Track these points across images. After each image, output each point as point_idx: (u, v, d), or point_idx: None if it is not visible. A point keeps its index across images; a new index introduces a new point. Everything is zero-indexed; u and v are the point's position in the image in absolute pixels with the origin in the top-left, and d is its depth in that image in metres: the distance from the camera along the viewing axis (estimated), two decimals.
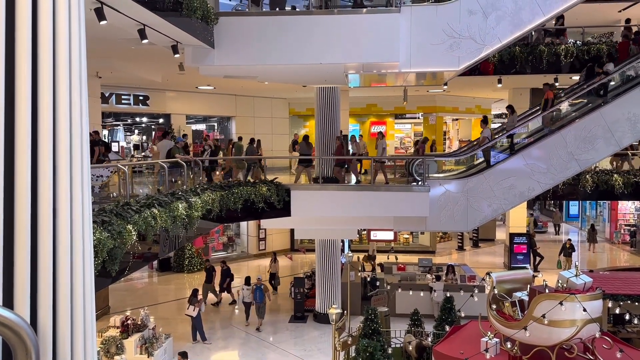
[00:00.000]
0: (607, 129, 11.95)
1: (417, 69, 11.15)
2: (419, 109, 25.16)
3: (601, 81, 12.93)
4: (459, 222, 12.74)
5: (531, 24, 10.72)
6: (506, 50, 14.28)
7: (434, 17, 10.75)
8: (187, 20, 9.09)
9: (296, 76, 13.96)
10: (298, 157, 14.72)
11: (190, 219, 9.06)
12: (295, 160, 15.24)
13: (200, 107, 21.45)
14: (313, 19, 10.99)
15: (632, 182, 13.53)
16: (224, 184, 11.76)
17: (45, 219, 2.83)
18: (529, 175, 12.29)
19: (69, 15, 3.04)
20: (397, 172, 16.08)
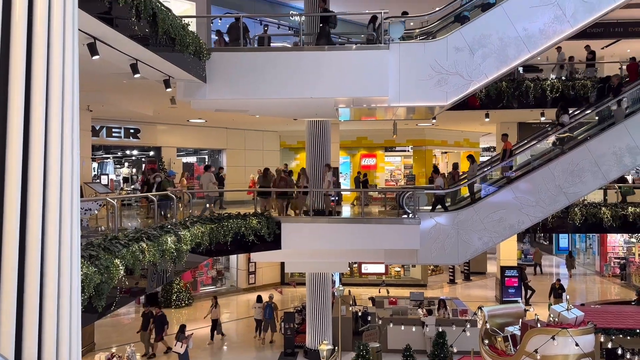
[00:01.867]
0: (594, 163, 12.12)
1: (406, 104, 11.32)
2: (408, 142, 25.42)
3: (557, 132, 13.14)
4: (450, 255, 12.71)
5: (517, 60, 10.98)
6: (493, 85, 14.57)
7: (422, 53, 10.98)
8: (179, 55, 9.20)
9: (287, 110, 14.10)
10: (247, 190, 14.49)
11: (179, 253, 8.95)
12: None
13: (191, 140, 21.51)
14: (304, 55, 11.18)
15: (620, 215, 13.65)
16: (214, 216, 11.69)
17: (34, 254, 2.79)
18: (518, 209, 12.37)
19: (63, 52, 3.08)
20: (388, 204, 16.10)
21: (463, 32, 10.99)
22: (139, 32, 7.53)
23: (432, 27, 12.26)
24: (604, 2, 10.68)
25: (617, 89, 13.45)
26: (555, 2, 10.73)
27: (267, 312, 16.52)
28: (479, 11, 11.62)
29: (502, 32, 10.83)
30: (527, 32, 10.79)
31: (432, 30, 12.26)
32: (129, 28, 7.23)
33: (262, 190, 13.79)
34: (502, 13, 10.91)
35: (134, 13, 7.19)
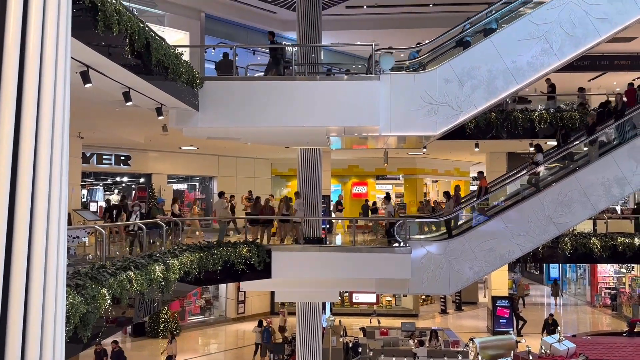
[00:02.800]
0: (583, 193, 12.21)
1: (397, 133, 11.42)
2: (399, 171, 25.56)
3: (532, 171, 13.26)
4: (441, 285, 12.64)
5: (505, 92, 11.16)
6: (482, 115, 14.76)
7: (412, 84, 11.14)
8: (172, 84, 9.26)
9: (279, 138, 14.17)
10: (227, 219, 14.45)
11: (167, 282, 8.82)
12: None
13: (183, 167, 21.49)
14: (296, 84, 11.30)
15: (609, 245, 13.70)
16: (204, 244, 11.58)
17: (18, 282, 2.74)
18: (508, 238, 12.38)
19: (55, 81, 3.09)
20: (379, 232, 16.08)
21: (452, 64, 11.18)
22: (133, 61, 7.59)
23: (422, 59, 12.46)
24: (590, 37, 10.94)
25: (621, 111, 13.54)
26: (542, 35, 10.98)
27: (265, 336, 16.85)
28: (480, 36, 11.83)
29: (491, 65, 11.03)
30: (515, 64, 11.00)
31: (423, 61, 12.46)
32: (123, 57, 7.28)
33: (264, 218, 13.74)
34: (491, 46, 11.13)
35: (128, 42, 7.26)
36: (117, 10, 6.70)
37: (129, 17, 7.14)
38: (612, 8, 10.80)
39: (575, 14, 10.90)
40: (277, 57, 12.15)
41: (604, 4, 10.83)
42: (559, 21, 10.93)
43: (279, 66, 12.09)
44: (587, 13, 10.86)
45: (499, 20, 11.95)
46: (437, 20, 17.30)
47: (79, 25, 5.99)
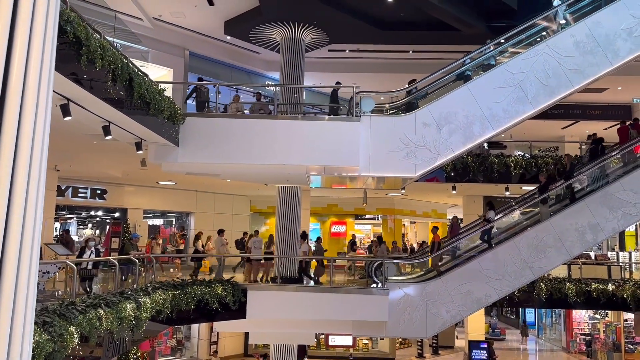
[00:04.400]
0: (557, 239, 12.38)
1: (376, 174, 11.52)
2: (378, 211, 25.66)
3: (484, 228, 13.42)
4: (419, 328, 12.52)
5: (482, 137, 11.41)
6: (460, 159, 15.04)
7: (392, 126, 11.33)
8: (153, 119, 9.25)
9: (259, 175, 14.17)
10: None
11: (138, 321, 8.57)
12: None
13: (160, 202, 21.21)
14: (277, 123, 11.41)
15: (584, 290, 13.83)
16: (177, 282, 11.33)
17: None
18: (485, 282, 12.41)
19: (35, 112, 3.07)
20: (357, 273, 15.96)
21: (430, 109, 11.44)
22: (114, 96, 7.59)
23: (402, 103, 12.73)
24: (563, 87, 11.35)
25: (569, 172, 13.77)
26: (517, 84, 11.35)
27: None
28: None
29: (468, 110, 11.32)
30: (492, 111, 11.31)
31: (402, 105, 12.72)
32: (104, 91, 7.29)
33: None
34: (468, 92, 11.45)
35: (110, 77, 7.28)
36: (102, 46, 6.74)
37: (112, 52, 7.18)
38: (585, 60, 11.27)
39: (549, 65, 11.33)
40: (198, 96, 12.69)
41: (576, 56, 11.30)
42: (533, 71, 11.34)
43: (203, 106, 12.67)
44: (561, 64, 11.31)
45: (476, 67, 12.35)
46: (416, 66, 17.79)
47: (62, 59, 6.00)
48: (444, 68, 12.42)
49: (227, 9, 15.20)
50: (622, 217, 12.25)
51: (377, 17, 15.71)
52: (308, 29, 15.09)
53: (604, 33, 11.24)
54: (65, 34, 5.86)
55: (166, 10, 15.32)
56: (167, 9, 15.22)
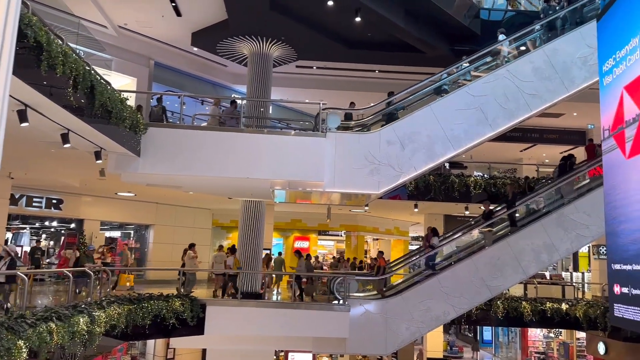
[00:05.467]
0: (514, 258, 12.68)
1: (341, 190, 11.58)
2: (341, 227, 25.76)
3: (427, 254, 13.68)
4: (378, 345, 12.54)
5: (443, 157, 11.66)
6: (422, 178, 15.30)
7: (357, 144, 11.45)
8: (114, 128, 9.06)
9: (223, 189, 14.02)
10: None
11: (92, 335, 8.27)
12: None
13: (118, 213, 20.64)
14: (242, 136, 11.34)
15: (539, 309, 14.18)
16: (134, 296, 11.02)
17: None
18: (444, 299, 12.56)
19: None
20: (319, 289, 15.90)
21: (395, 128, 11.63)
22: (75, 103, 7.41)
23: (367, 120, 12.89)
24: (521, 111, 11.74)
25: (512, 200, 14.07)
26: (478, 106, 11.68)
27: None
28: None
29: (431, 130, 11.56)
30: (453, 132, 11.58)
31: (367, 123, 12.89)
32: (65, 98, 7.10)
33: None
34: (431, 113, 11.71)
35: (71, 84, 7.10)
36: (63, 52, 6.59)
37: (74, 59, 7.03)
38: (542, 86, 11.72)
39: (508, 89, 11.73)
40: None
41: (535, 81, 11.74)
42: (493, 94, 11.70)
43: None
44: (520, 89, 11.72)
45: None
46: (382, 85, 18.10)
47: (22, 63, 5.82)
48: (408, 88, 12.69)
49: (194, 20, 15.12)
50: (576, 239, 12.66)
51: (344, 36, 15.95)
52: (276, 44, 15.16)
53: (562, 60, 11.73)
54: (26, 38, 5.70)
55: (132, 19, 15.11)
56: (133, 18, 15.03)
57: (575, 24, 12.28)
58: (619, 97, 8.03)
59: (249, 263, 14.45)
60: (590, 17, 12.26)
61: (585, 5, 12.61)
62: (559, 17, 12.58)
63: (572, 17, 12.52)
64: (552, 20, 12.61)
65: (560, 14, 12.63)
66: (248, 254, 14.58)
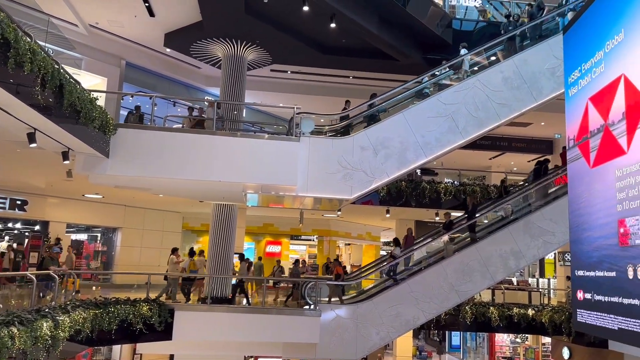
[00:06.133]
0: (482, 264, 12.90)
1: (313, 194, 11.59)
2: (314, 232, 25.76)
3: (390, 264, 13.92)
4: (349, 350, 12.55)
5: (415, 163, 11.81)
6: (394, 184, 15.44)
7: (330, 149, 11.49)
8: (83, 128, 8.87)
9: (194, 191, 13.86)
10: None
11: (55, 341, 8.05)
12: None
13: (85, 215, 20.18)
14: (215, 139, 11.25)
15: (506, 315, 14.43)
16: (100, 301, 10.77)
17: None
18: (414, 304, 12.68)
19: None
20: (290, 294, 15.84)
21: (368, 134, 11.73)
22: (42, 102, 7.23)
23: (340, 126, 12.95)
24: (491, 119, 12.00)
25: (472, 211, 14.36)
26: (449, 115, 11.88)
27: None
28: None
29: (403, 137, 11.70)
30: (425, 139, 11.75)
31: (339, 128, 12.94)
32: (32, 97, 6.92)
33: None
34: (403, 120, 11.85)
35: (39, 82, 6.93)
36: (32, 49, 6.43)
37: (43, 57, 6.86)
38: (511, 95, 12.00)
39: (479, 98, 11.97)
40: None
41: (504, 91, 12.01)
42: (464, 103, 11.92)
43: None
44: (489, 98, 11.97)
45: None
46: (356, 91, 18.23)
47: None
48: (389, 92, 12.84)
49: (168, 21, 14.95)
50: (543, 245, 12.96)
51: (319, 41, 16.02)
52: (251, 47, 15.11)
53: (530, 71, 12.04)
54: None
55: (103, 18, 14.85)
56: (104, 17, 14.76)
57: (535, 39, 12.69)
58: (584, 108, 8.29)
59: (219, 267, 14.30)
60: (551, 32, 12.71)
61: (544, 23, 13.12)
62: (517, 35, 12.98)
63: (533, 33, 12.96)
64: (512, 36, 12.99)
65: (518, 31, 13.06)
66: (219, 258, 14.42)
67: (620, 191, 7.02)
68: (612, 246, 7.20)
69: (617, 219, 7.04)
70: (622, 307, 6.92)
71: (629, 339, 6.92)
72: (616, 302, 7.08)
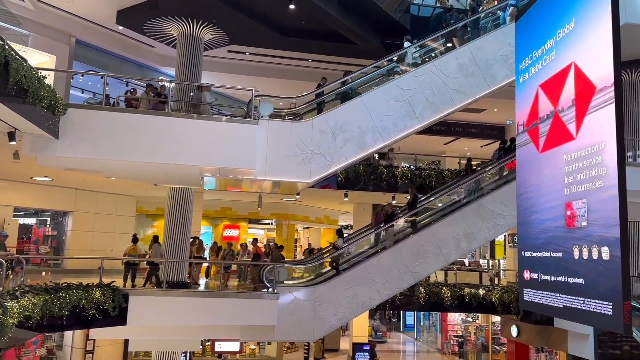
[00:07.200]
0: (436, 245, 13.24)
1: (272, 178, 11.56)
2: (272, 216, 25.71)
3: (331, 255, 14.06)
4: (306, 332, 12.70)
5: (373, 147, 11.94)
6: (352, 168, 15.57)
7: (289, 132, 11.45)
8: (30, 108, 8.48)
9: (148, 175, 13.53)
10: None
11: (3, 327, 7.78)
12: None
13: (33, 199, 19.39)
14: (170, 120, 11.00)
15: (458, 295, 14.91)
16: (50, 286, 10.43)
17: None
18: (370, 285, 12.91)
19: None
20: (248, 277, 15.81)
21: (327, 117, 11.76)
22: None
23: (299, 109, 12.92)
24: (446, 105, 12.24)
25: (412, 202, 14.61)
26: (407, 100, 12.05)
27: None
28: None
29: (361, 121, 11.79)
30: (382, 123, 11.88)
31: (300, 111, 12.91)
32: None
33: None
34: (362, 104, 11.94)
35: None
36: None
37: None
38: (466, 82, 12.27)
39: (435, 84, 12.18)
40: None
41: (459, 77, 12.26)
42: (421, 88, 12.11)
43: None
44: (445, 84, 12.19)
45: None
46: (315, 75, 18.12)
47: None
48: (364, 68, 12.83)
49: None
50: (493, 227, 13.41)
51: (278, 23, 15.82)
52: (207, 27, 14.76)
53: (485, 58, 12.32)
54: None
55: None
56: None
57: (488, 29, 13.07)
58: (535, 94, 8.56)
59: (175, 252, 14.09)
60: (494, 26, 13.16)
61: (486, 17, 13.53)
62: (458, 28, 13.31)
63: (474, 26, 13.27)
64: (453, 30, 13.35)
65: (460, 24, 13.38)
66: (175, 242, 14.20)
67: (568, 175, 7.32)
68: (559, 228, 7.53)
69: (565, 202, 7.35)
70: (568, 285, 7.27)
71: (573, 315, 7.29)
72: (562, 281, 7.43)
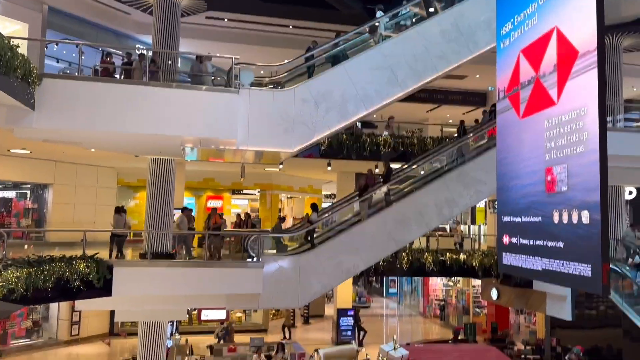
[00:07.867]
0: (418, 213, 13.38)
1: (255, 148, 11.48)
2: (255, 186, 25.68)
3: (307, 229, 13.93)
4: (291, 299, 12.87)
5: (356, 116, 11.89)
6: (335, 137, 15.53)
7: (271, 101, 11.33)
8: (4, 78, 8.24)
9: (129, 146, 13.34)
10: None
11: None
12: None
13: (11, 172, 19.04)
14: (149, 90, 10.80)
15: (439, 260, 15.21)
16: (33, 259, 10.37)
17: None
18: (354, 253, 13.05)
19: None
20: (232, 247, 15.88)
21: (309, 86, 11.63)
22: None
23: (281, 78, 12.74)
24: (428, 71, 12.19)
25: (387, 175, 14.56)
26: (389, 66, 11.96)
27: None
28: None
29: (344, 89, 11.69)
30: (365, 91, 11.80)
31: (281, 80, 12.74)
32: None
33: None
34: (344, 72, 11.82)
35: None
36: None
37: None
38: (449, 48, 12.19)
39: (417, 50, 12.08)
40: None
41: (441, 43, 12.17)
42: (403, 55, 12.02)
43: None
44: (428, 50, 12.11)
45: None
46: (295, 42, 17.87)
47: None
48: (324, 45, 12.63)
49: None
50: (475, 194, 13.58)
51: None
52: None
53: (467, 24, 12.22)
54: None
55: None
56: None
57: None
58: (516, 60, 8.56)
59: (158, 223, 14.03)
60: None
61: None
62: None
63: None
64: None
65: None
66: (157, 214, 14.12)
67: (548, 140, 7.39)
68: (539, 193, 7.64)
69: (545, 167, 7.45)
70: (547, 249, 7.43)
71: (552, 277, 7.49)
72: (541, 245, 7.59)
